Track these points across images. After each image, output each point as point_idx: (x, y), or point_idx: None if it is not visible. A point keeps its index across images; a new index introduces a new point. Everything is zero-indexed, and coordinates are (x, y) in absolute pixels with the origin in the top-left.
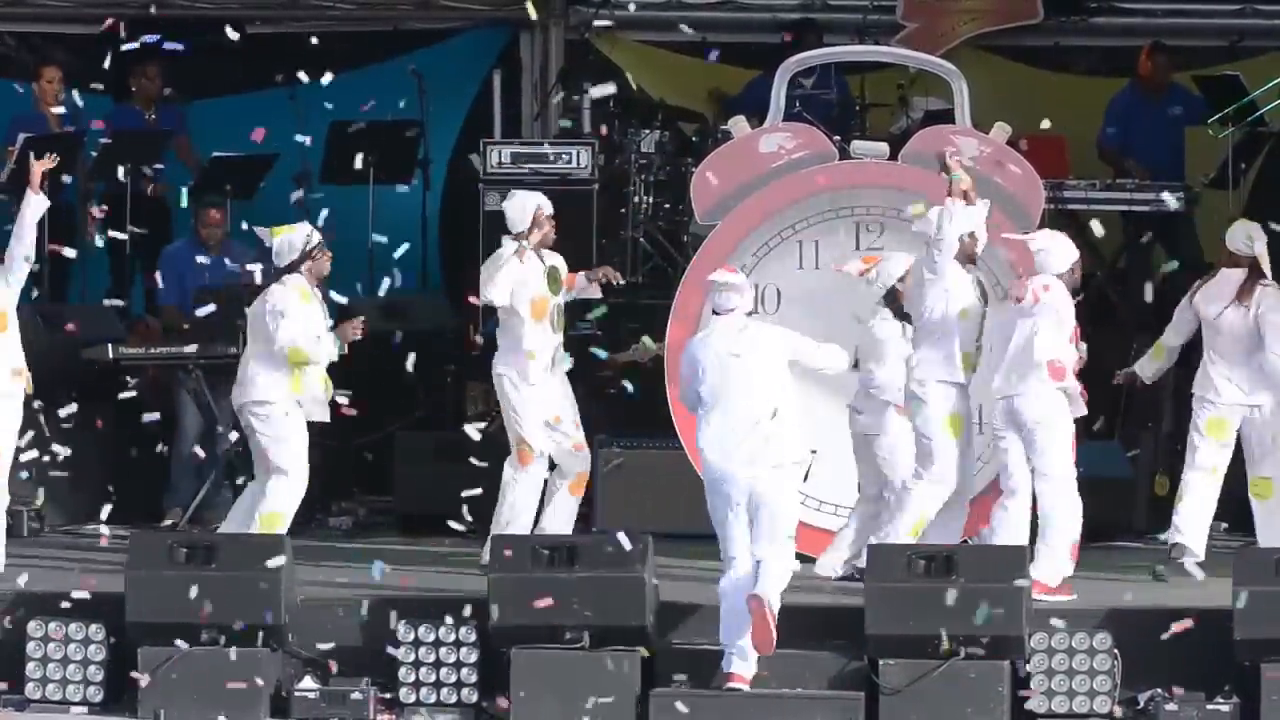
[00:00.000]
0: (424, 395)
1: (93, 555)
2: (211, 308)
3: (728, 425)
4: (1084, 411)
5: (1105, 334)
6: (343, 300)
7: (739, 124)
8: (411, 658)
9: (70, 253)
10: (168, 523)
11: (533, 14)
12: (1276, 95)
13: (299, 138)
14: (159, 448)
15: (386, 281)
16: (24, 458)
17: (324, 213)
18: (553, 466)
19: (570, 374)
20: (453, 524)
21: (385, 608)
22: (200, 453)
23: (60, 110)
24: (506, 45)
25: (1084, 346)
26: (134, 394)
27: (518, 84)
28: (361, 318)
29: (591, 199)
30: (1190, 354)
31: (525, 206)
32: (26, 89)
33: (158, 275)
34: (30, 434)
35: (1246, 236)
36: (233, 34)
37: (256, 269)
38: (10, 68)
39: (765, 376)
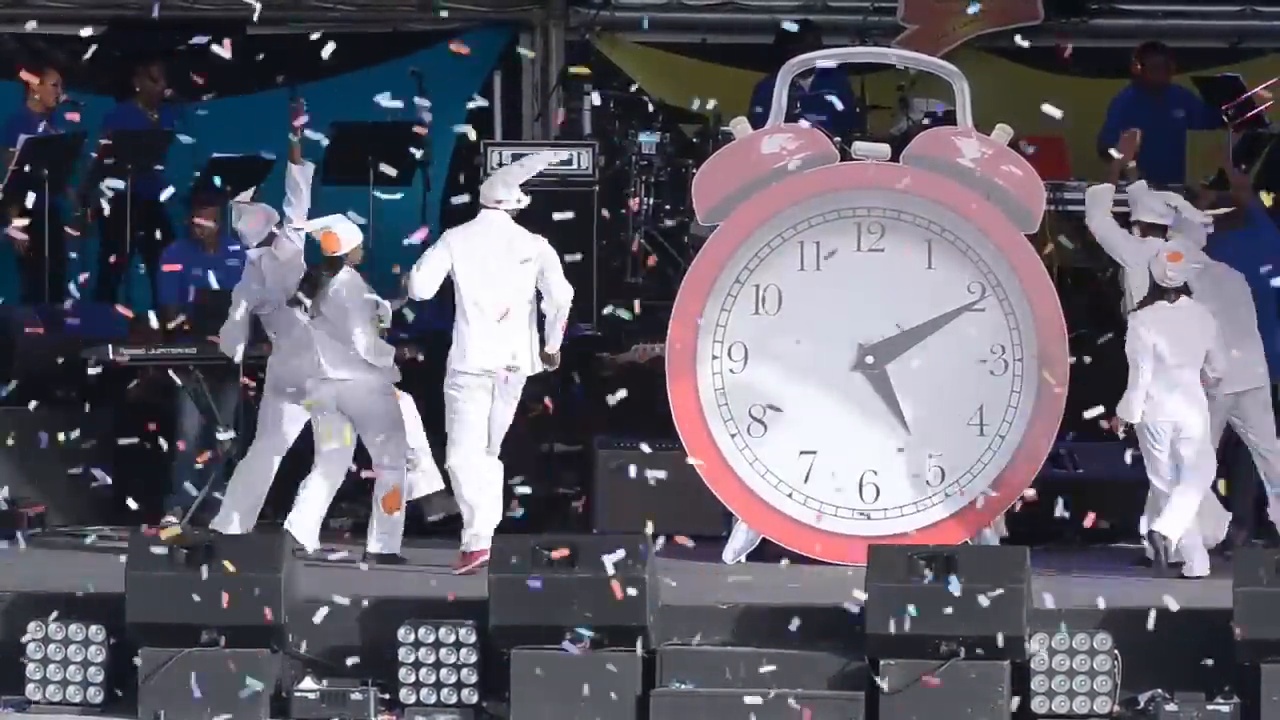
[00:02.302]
0: (423, 395)
1: (93, 555)
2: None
3: None
4: None
5: (1108, 333)
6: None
7: (740, 125)
8: (411, 658)
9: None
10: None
11: None
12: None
13: (311, 135)
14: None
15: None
16: None
17: None
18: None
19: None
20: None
21: (386, 608)
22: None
23: (58, 109)
24: (507, 46)
25: None
26: (134, 393)
27: (518, 85)
28: None
29: (592, 200)
30: None
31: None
32: (24, 90)
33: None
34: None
35: (1166, 204)
36: (222, 51)
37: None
38: (11, 69)
39: None
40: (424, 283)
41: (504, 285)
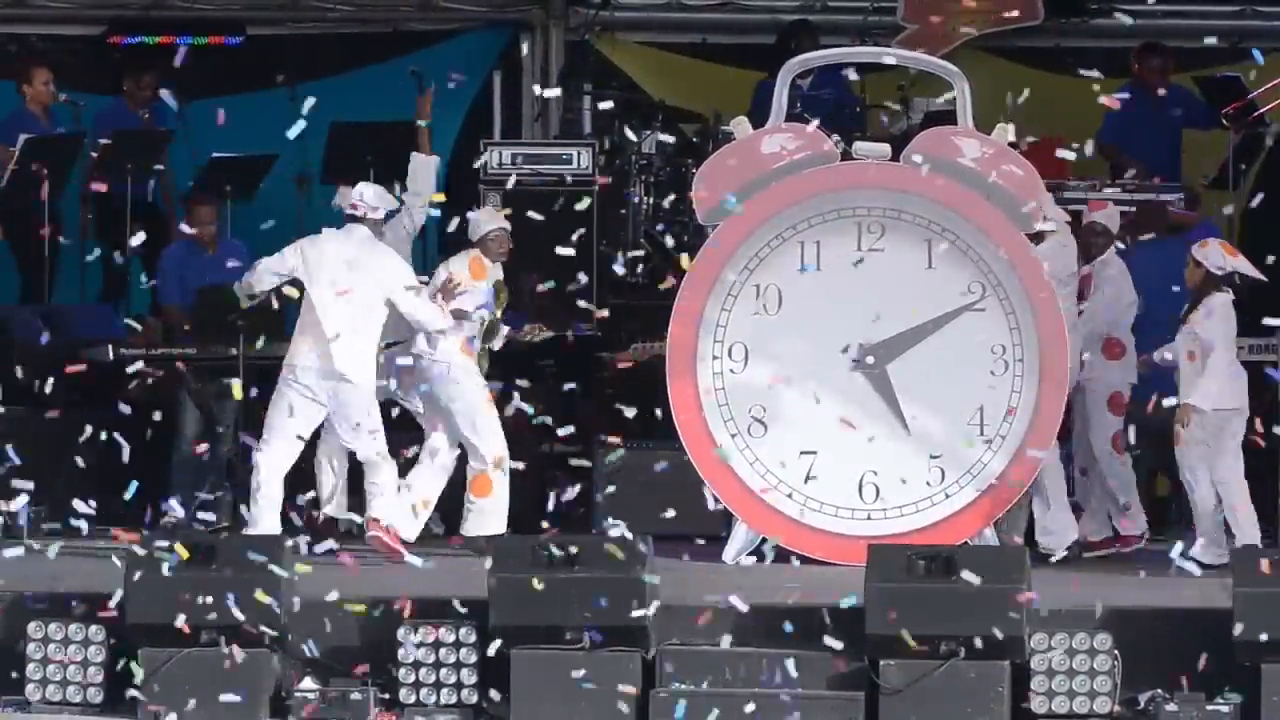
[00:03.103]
0: None
1: (93, 555)
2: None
3: None
4: None
5: None
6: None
7: (741, 125)
8: (411, 658)
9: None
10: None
11: None
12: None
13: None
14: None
15: None
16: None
17: None
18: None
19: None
20: None
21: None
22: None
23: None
24: (506, 46)
25: None
26: (134, 394)
27: (518, 85)
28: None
29: (591, 199)
30: None
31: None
32: (20, 90)
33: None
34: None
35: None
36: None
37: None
38: (8, 69)
39: None
40: (263, 275)
41: (352, 295)
